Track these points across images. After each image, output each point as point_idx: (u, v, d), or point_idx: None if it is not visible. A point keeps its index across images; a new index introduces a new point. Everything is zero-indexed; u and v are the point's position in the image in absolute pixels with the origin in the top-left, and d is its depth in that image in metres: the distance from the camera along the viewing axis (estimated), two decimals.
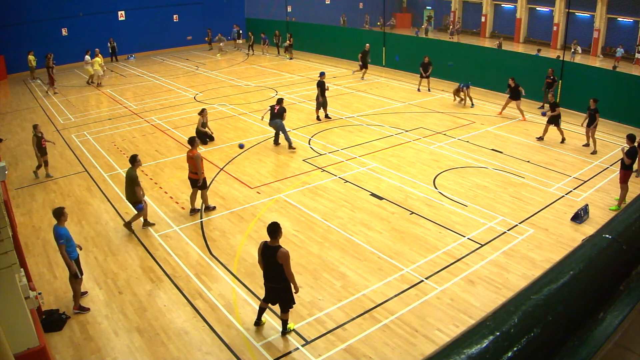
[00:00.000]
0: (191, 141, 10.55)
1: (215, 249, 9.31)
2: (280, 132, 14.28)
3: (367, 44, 23.18)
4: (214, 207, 10.83)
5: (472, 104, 18.45)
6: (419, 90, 20.65)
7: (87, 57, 22.95)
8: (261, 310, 7.18)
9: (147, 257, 9.14)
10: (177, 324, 7.37)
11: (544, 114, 15.26)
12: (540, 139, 14.70)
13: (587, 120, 13.97)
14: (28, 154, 14.50)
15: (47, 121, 17.97)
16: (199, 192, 10.58)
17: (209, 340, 7.02)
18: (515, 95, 16.55)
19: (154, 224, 10.23)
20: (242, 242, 9.52)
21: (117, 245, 9.61)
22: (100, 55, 23.71)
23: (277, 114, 14.05)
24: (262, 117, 15.25)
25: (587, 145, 14.25)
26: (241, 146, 13.25)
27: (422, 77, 20.46)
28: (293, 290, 6.78)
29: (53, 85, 22.34)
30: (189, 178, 10.58)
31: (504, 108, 17.30)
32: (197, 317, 7.50)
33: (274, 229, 6.58)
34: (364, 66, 22.91)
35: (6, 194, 10.17)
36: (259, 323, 7.22)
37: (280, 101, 14.26)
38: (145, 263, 8.96)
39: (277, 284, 6.73)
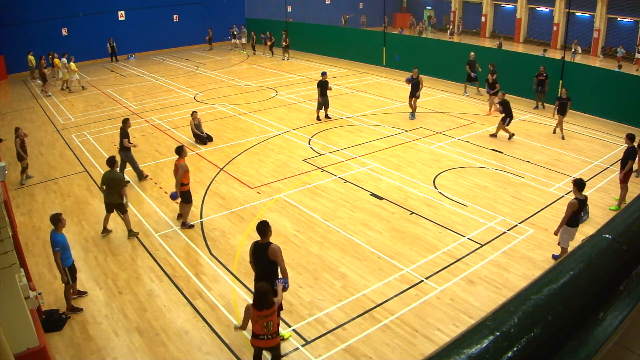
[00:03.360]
0: (178, 150, 9.98)
1: (215, 249, 9.31)
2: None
3: (472, 52, 19.80)
4: (192, 225, 10.06)
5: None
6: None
7: (64, 60, 22.37)
8: None
9: (147, 257, 9.14)
10: (177, 324, 7.37)
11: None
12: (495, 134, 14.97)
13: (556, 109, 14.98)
14: (28, 154, 14.48)
15: (47, 121, 17.99)
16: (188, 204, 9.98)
17: (209, 340, 7.02)
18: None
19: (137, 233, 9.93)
20: (242, 242, 9.52)
21: (117, 245, 9.61)
22: (58, 60, 23.08)
23: (121, 146, 12.08)
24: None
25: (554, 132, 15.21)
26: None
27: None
28: (280, 289, 6.23)
29: (45, 85, 22.40)
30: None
31: (491, 106, 17.43)
32: (197, 317, 7.50)
33: (263, 228, 6.49)
34: (475, 79, 19.70)
35: (6, 194, 10.17)
36: None
37: (125, 121, 12.14)
38: (145, 263, 8.96)
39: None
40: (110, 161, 9.74)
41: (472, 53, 19.64)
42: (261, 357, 6.09)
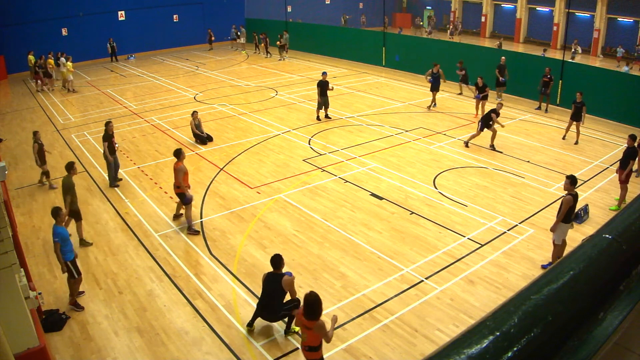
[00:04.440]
0: (177, 153, 9.73)
1: (215, 249, 9.31)
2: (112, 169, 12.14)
3: (503, 57, 19.03)
4: (198, 232, 9.81)
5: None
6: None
7: (63, 60, 22.42)
8: (257, 315, 7.13)
9: (147, 257, 9.14)
10: (177, 324, 7.37)
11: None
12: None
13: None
14: (28, 153, 14.49)
15: (47, 121, 17.98)
16: (188, 206, 9.82)
17: (209, 340, 7.02)
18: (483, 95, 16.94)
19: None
20: (242, 242, 9.52)
21: (117, 245, 9.61)
22: (52, 60, 23.33)
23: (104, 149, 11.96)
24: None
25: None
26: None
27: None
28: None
29: (38, 83, 22.69)
30: (176, 193, 10.00)
31: (477, 109, 17.17)
32: (197, 317, 7.50)
33: (278, 261, 6.79)
34: (504, 84, 18.75)
35: (6, 194, 10.18)
36: (251, 324, 7.15)
37: (107, 124, 11.89)
38: (145, 263, 8.96)
39: (270, 314, 6.93)
40: (66, 166, 9.64)
41: (503, 58, 18.92)
42: None
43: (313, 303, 5.50)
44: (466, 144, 14.20)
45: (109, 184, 12.17)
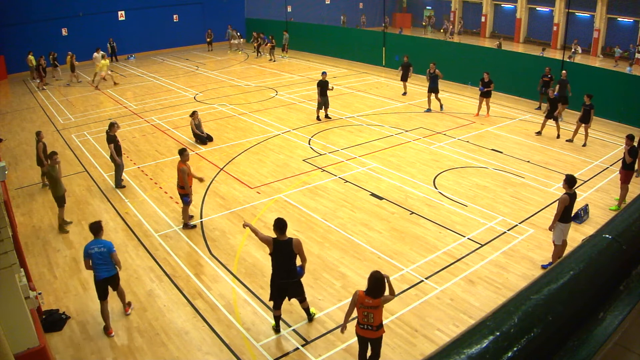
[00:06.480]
0: (181, 152, 9.77)
1: (215, 249, 9.31)
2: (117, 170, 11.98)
3: (564, 71, 16.68)
4: (194, 226, 10.08)
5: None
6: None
7: (96, 55, 23.09)
8: (278, 319, 7.12)
9: (147, 257, 9.14)
10: (177, 324, 7.37)
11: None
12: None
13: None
14: (28, 154, 14.51)
15: (47, 121, 17.98)
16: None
17: (209, 340, 7.02)
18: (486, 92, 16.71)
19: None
20: (242, 242, 9.52)
21: (117, 245, 9.57)
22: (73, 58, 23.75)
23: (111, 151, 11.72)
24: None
25: (570, 140, 14.80)
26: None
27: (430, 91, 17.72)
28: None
29: (42, 81, 22.98)
30: (178, 193, 10.03)
31: (480, 108, 17.20)
32: (197, 317, 7.50)
33: (284, 224, 6.78)
34: (565, 101, 15.70)
35: (6, 194, 10.17)
36: (278, 330, 7.13)
37: (111, 126, 11.78)
38: (145, 263, 8.96)
39: (293, 278, 6.88)
40: (49, 155, 10.11)
41: (564, 72, 16.69)
42: (366, 350, 6.01)
43: (379, 279, 5.63)
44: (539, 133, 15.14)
45: (115, 185, 12.10)
